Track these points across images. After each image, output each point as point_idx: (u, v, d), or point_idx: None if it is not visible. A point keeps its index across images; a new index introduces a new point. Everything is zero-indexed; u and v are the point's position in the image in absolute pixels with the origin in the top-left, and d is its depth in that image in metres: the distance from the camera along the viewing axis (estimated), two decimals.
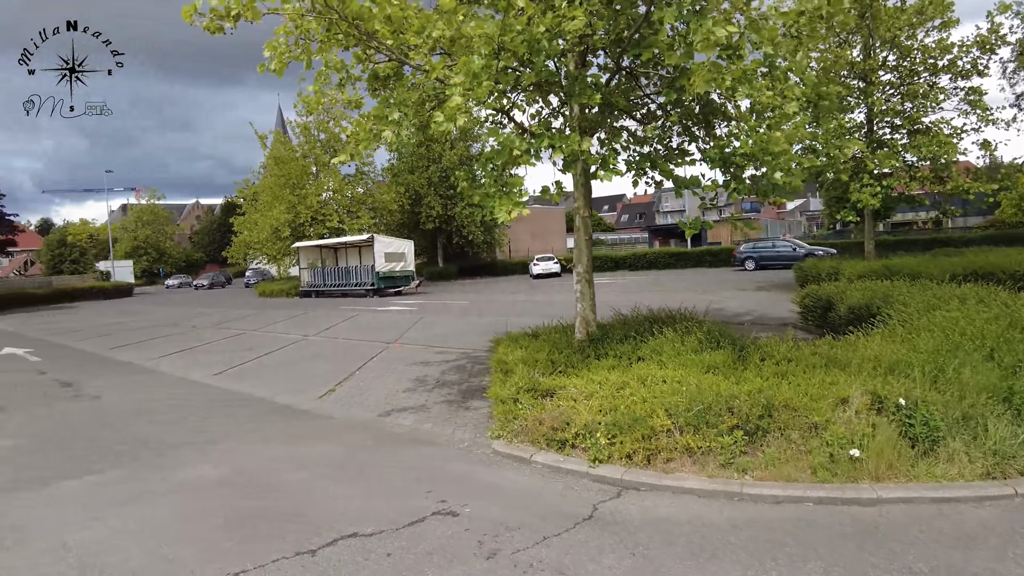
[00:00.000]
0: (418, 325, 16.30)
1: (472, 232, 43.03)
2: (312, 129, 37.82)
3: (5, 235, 42.60)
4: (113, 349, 15.33)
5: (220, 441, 6.43)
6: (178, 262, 78.07)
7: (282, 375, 10.33)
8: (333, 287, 33.18)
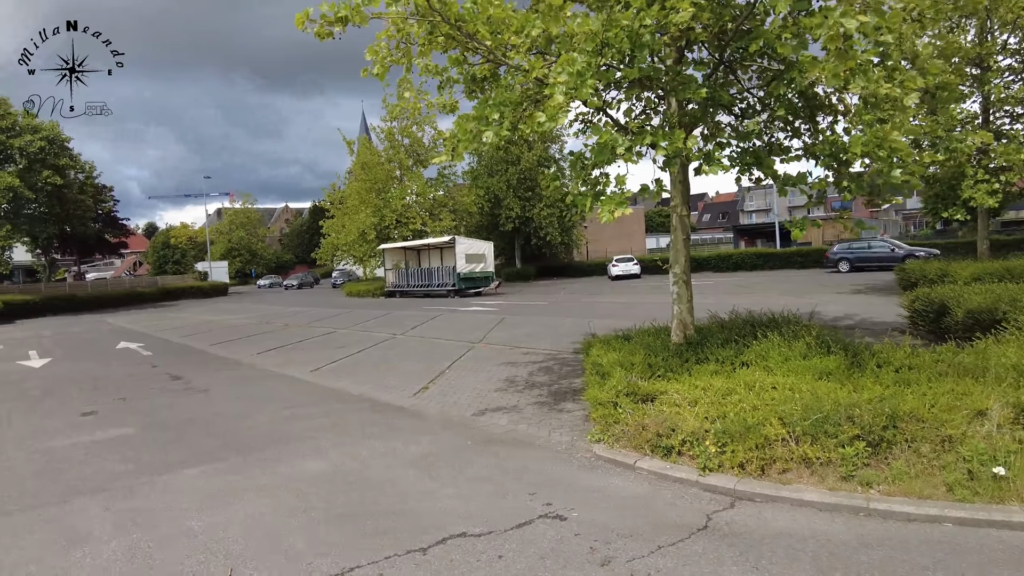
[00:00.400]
0: (501, 325, 16.37)
1: (550, 233, 42.97)
2: (396, 134, 38.79)
3: (119, 238, 45.98)
4: (214, 345, 16.19)
5: (322, 436, 6.62)
6: (269, 263, 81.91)
7: (376, 372, 10.58)
8: (416, 287, 33.91)
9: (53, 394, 10.13)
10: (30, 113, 35.85)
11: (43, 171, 34.92)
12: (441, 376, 9.79)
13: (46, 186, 35.07)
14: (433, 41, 6.17)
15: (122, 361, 13.94)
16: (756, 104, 8.13)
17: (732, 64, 7.41)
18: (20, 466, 6.16)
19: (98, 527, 4.44)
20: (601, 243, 54.07)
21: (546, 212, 42.32)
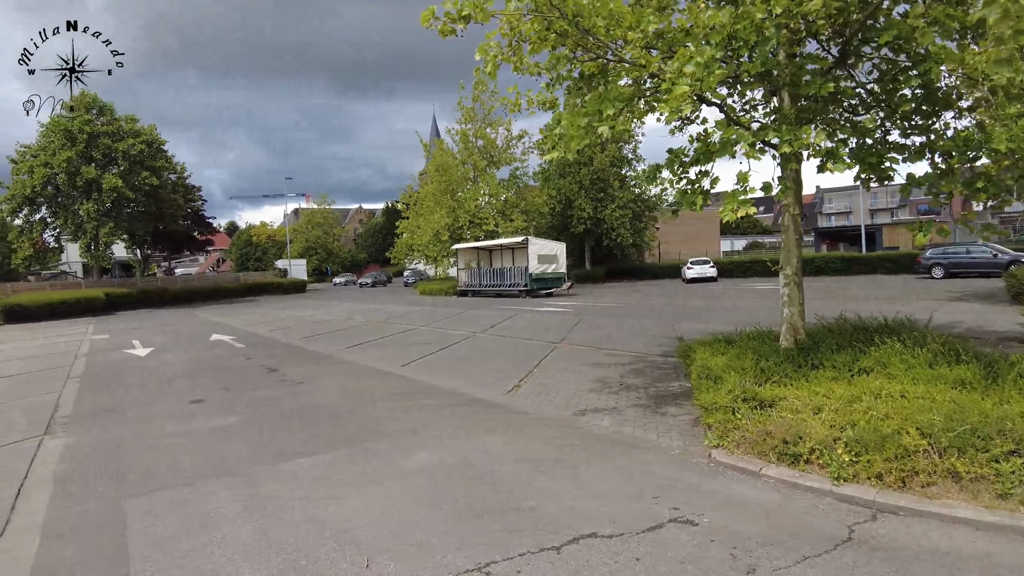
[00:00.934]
0: (579, 327, 16.24)
1: (622, 234, 42.51)
2: (471, 136, 39.21)
3: (205, 236, 48.34)
4: (302, 340, 16.73)
5: (426, 429, 6.70)
6: (344, 262, 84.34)
7: (463, 369, 10.66)
8: (488, 287, 34.16)
9: (162, 383, 10.68)
10: (130, 117, 38.20)
11: (142, 172, 37.08)
12: (530, 375, 9.77)
13: (144, 186, 37.22)
14: (546, 38, 6.14)
15: (218, 353, 14.58)
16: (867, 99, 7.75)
17: (848, 57, 7.08)
18: (146, 450, 6.50)
19: (228, 510, 4.61)
20: (672, 245, 53.09)
21: (618, 213, 41.90)
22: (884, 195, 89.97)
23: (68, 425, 7.75)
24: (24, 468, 5.98)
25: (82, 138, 35.31)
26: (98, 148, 35.80)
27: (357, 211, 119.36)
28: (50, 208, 37.25)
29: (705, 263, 38.47)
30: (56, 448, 6.67)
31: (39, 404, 9.15)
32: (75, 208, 35.98)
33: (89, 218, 35.83)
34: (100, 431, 7.37)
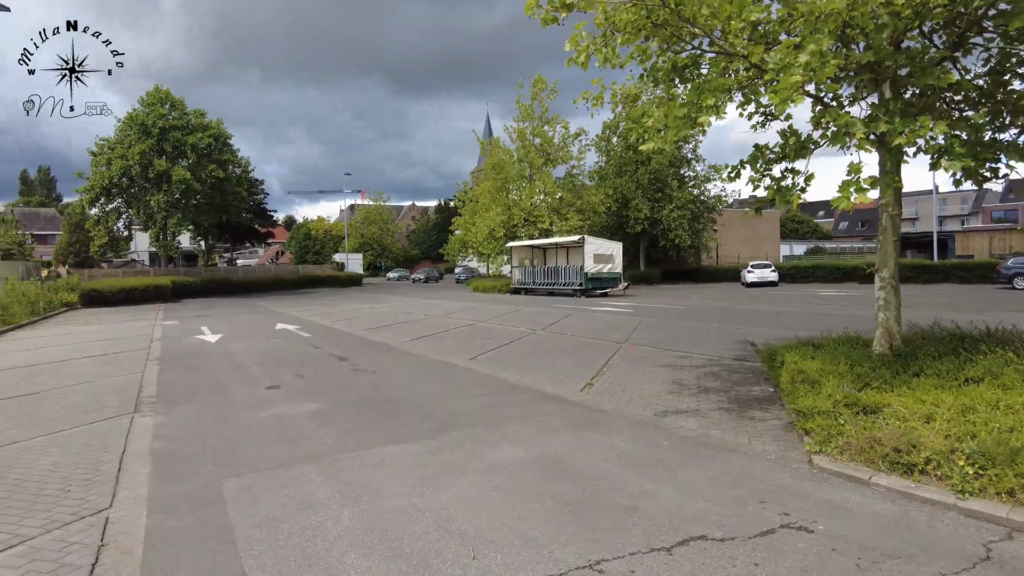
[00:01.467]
0: (641, 328, 15.97)
1: (679, 236, 41.76)
2: (528, 134, 39.17)
3: (267, 228, 49.70)
4: (365, 331, 16.96)
5: (506, 423, 6.64)
6: (397, 257, 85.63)
7: (530, 365, 10.58)
8: (541, 285, 34.04)
9: (237, 368, 10.95)
10: (199, 111, 39.55)
11: (209, 165, 38.38)
12: (601, 374, 9.61)
13: (210, 179, 38.52)
14: (642, 28, 6.00)
15: (285, 341, 14.90)
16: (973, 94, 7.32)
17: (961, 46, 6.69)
18: (233, 433, 6.64)
19: (324, 494, 4.64)
20: (731, 248, 51.93)
21: (676, 214, 41.21)
22: (954, 201, 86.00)
23: (154, 405, 8.00)
24: (121, 443, 6.18)
25: (155, 132, 36.75)
26: (169, 141, 37.20)
27: (410, 208, 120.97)
28: (124, 198, 38.91)
29: (766, 267, 37.47)
30: (147, 426, 6.87)
31: (125, 384, 9.49)
32: (147, 199, 37.49)
33: (159, 208, 37.28)
34: (186, 412, 7.57)
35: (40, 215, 78.34)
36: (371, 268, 78.89)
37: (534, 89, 38.97)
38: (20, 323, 19.72)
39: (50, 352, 13.26)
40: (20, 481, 5.03)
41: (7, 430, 6.73)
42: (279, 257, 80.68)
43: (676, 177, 43.13)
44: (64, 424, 6.96)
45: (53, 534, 4.01)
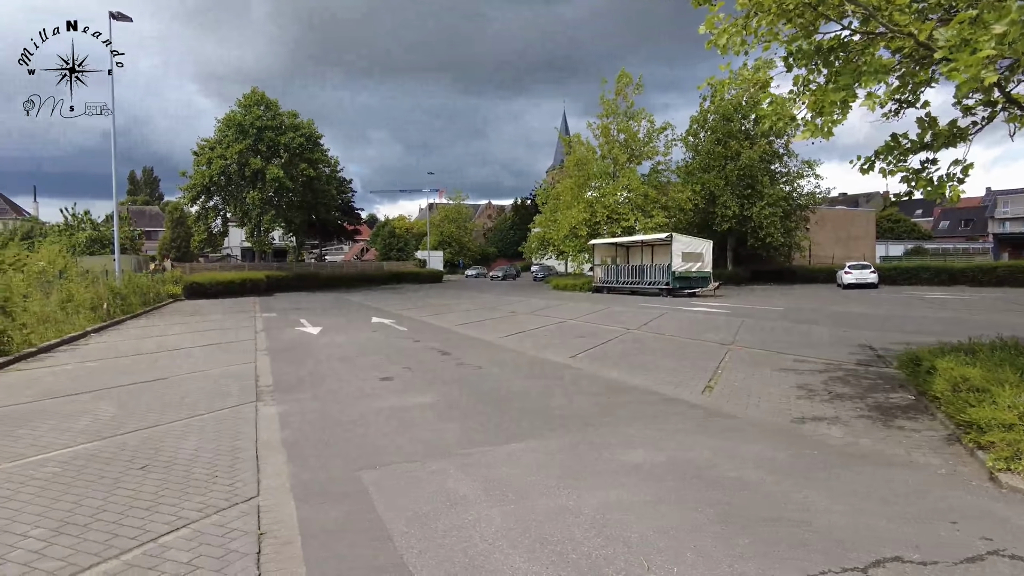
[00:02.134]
0: (744, 329, 15.28)
1: (770, 234, 40.06)
2: (612, 130, 38.56)
3: (354, 226, 51.14)
4: (457, 326, 17.02)
5: (632, 425, 6.37)
6: (475, 255, 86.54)
7: (636, 365, 10.25)
8: (624, 284, 33.42)
9: (344, 360, 11.14)
10: (291, 112, 41.06)
11: (301, 164, 39.80)
12: (717, 377, 9.18)
13: (301, 177, 39.93)
14: (788, 8, 5.58)
15: (384, 335, 15.12)
16: None
17: None
18: (357, 424, 6.66)
19: (467, 491, 4.51)
20: (824, 248, 49.48)
21: (767, 211, 39.56)
22: None
23: (274, 394, 8.18)
24: (251, 431, 6.30)
25: (252, 132, 38.43)
26: (264, 141, 38.82)
27: (486, 207, 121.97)
28: (222, 196, 40.91)
29: (865, 268, 35.43)
30: (272, 415, 7.00)
31: (241, 372, 9.80)
32: (243, 196, 39.24)
33: (254, 206, 38.96)
34: (307, 402, 7.69)
35: (145, 212, 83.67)
36: (448, 265, 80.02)
37: (618, 84, 38.37)
38: (136, 312, 20.96)
39: (168, 340, 13.96)
40: (170, 464, 5.17)
41: (148, 413, 7.01)
42: (364, 254, 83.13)
43: (767, 173, 41.43)
44: (195, 410, 7.19)
45: (212, 519, 4.05)
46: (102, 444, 5.80)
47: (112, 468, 5.08)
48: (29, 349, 11.47)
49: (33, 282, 14.72)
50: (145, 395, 8.02)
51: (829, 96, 5.34)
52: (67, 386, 8.65)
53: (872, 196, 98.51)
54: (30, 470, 5.06)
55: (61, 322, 14.56)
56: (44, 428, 6.40)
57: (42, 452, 5.58)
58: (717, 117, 41.99)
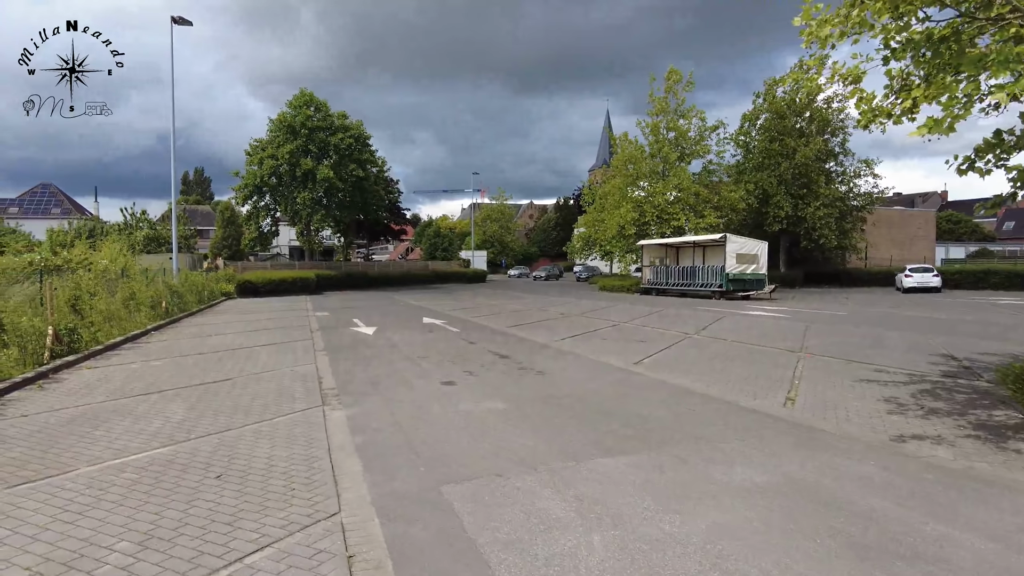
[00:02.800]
0: (811, 335, 14.65)
1: (825, 235, 38.73)
2: (662, 128, 37.81)
3: (400, 226, 51.47)
4: (509, 327, 16.78)
5: (722, 439, 6.00)
6: (517, 255, 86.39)
7: (705, 372, 9.83)
8: (673, 286, 32.71)
9: (404, 360, 11.00)
10: (341, 113, 41.47)
11: (350, 164, 40.17)
12: (795, 386, 8.71)
13: (351, 177, 40.30)
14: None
15: (438, 335, 14.98)
16: None
17: None
18: (429, 431, 6.45)
19: (560, 513, 4.23)
20: (880, 250, 47.68)
21: (822, 212, 38.26)
22: None
23: (340, 397, 8.05)
24: (323, 437, 6.15)
25: (302, 133, 38.95)
26: (314, 142, 39.30)
27: (528, 206, 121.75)
28: (273, 196, 41.58)
29: (927, 271, 33.98)
30: (341, 420, 6.85)
31: (303, 373, 9.74)
32: (293, 196, 39.80)
33: (304, 206, 39.48)
34: (374, 406, 7.54)
35: (198, 212, 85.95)
36: (491, 265, 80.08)
37: (668, 81, 37.57)
38: (192, 310, 21.36)
39: (227, 339, 14.07)
40: (245, 473, 5.04)
41: (217, 416, 6.95)
42: (408, 253, 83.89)
43: (823, 172, 40.08)
44: (263, 414, 7.10)
45: (296, 537, 3.86)
46: (176, 449, 5.73)
47: (189, 476, 4.97)
48: (96, 347, 11.67)
49: (99, 280, 15.04)
50: (212, 397, 7.99)
51: (952, 89, 4.88)
52: (136, 386, 8.70)
53: (928, 196, 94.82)
54: (110, 475, 4.99)
55: (124, 320, 14.85)
56: (119, 430, 6.37)
57: (119, 455, 5.52)
58: (770, 115, 40.83)
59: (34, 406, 7.52)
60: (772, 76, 42.37)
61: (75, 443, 5.92)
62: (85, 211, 67.72)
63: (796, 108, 40.24)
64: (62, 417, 6.95)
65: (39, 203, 66.67)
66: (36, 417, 6.97)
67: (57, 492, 4.64)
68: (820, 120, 40.25)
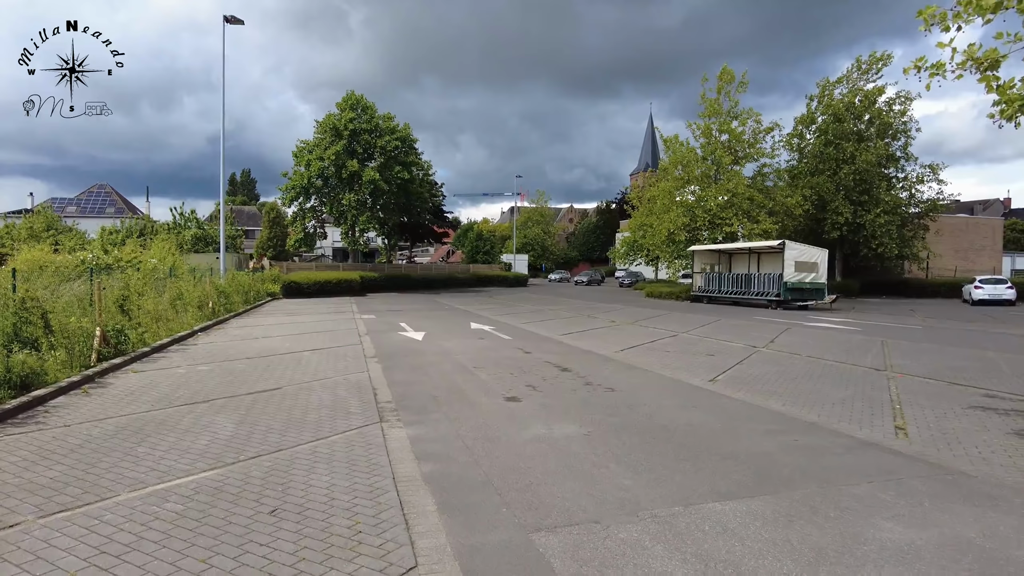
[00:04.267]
0: (892, 351, 13.54)
1: (885, 244, 36.93)
2: (714, 131, 36.57)
3: (443, 228, 51.16)
4: (563, 335, 16.01)
5: (845, 481, 5.11)
6: (557, 259, 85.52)
7: (792, 392, 8.89)
8: (726, 294, 31.48)
9: (462, 372, 10.33)
10: (387, 115, 41.30)
11: (395, 167, 39.95)
12: (899, 413, 7.74)
13: (396, 180, 40.08)
14: None
15: (490, 343, 14.30)
16: None
17: None
18: (505, 460, 5.73)
19: (677, 571, 3.47)
20: (943, 259, 45.32)
21: (883, 219, 36.49)
22: None
23: (398, 412, 7.41)
24: (385, 462, 5.48)
25: (347, 134, 38.87)
26: (360, 144, 39.19)
27: (568, 210, 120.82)
28: (319, 197, 41.64)
29: (999, 283, 32.04)
30: (403, 441, 6.19)
31: (356, 383, 9.14)
32: (339, 198, 39.76)
33: (350, 207, 39.39)
34: (437, 425, 6.86)
35: (244, 212, 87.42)
36: (530, 269, 79.44)
37: (720, 82, 36.33)
38: (238, 311, 21.16)
39: (273, 343, 13.64)
40: (303, 509, 4.39)
41: (268, 433, 6.36)
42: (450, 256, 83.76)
43: (884, 178, 38.26)
44: (318, 431, 6.49)
45: None
46: (224, 473, 5.13)
47: (239, 510, 4.35)
48: (143, 349, 11.32)
49: (148, 280, 14.80)
50: (262, 409, 7.44)
51: None
52: (182, 393, 8.22)
53: (989, 203, 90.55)
54: (152, 506, 4.40)
55: (171, 320, 14.57)
56: (164, 447, 5.83)
57: (163, 479, 4.95)
58: (828, 117, 39.21)
59: (78, 414, 7.07)
60: (826, 77, 40.60)
61: (117, 462, 5.38)
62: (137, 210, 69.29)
63: (856, 110, 38.52)
64: (106, 429, 6.45)
65: (95, 203, 68.47)
66: (79, 428, 6.49)
67: (95, 526, 4.06)
68: (882, 123, 38.46)
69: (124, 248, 21.96)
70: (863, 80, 39.04)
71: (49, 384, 8.09)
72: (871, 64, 38.51)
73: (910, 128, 38.51)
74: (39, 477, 4.98)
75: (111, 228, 36.37)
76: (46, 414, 7.08)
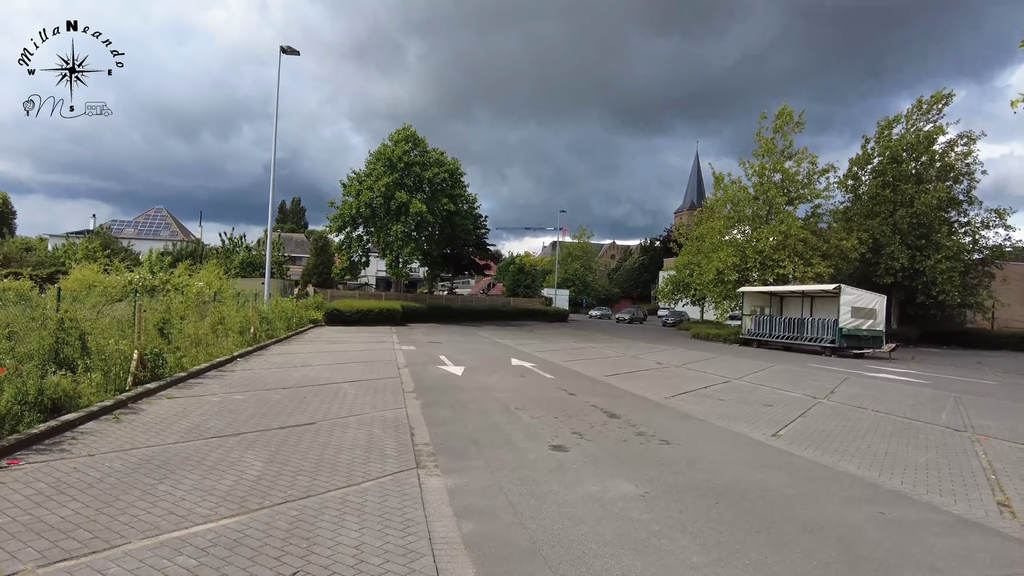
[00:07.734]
0: (968, 408, 12.48)
1: (947, 291, 35.15)
2: (767, 170, 35.68)
3: (485, 260, 51.08)
4: (608, 376, 15.32)
5: (941, 567, 4.38)
6: (598, 295, 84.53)
7: (867, 454, 8.05)
8: (777, 338, 30.22)
9: (504, 412, 9.77)
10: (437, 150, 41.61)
11: (442, 199, 40.10)
12: (999, 486, 6.86)
13: (442, 212, 40.19)
14: None
15: (531, 381, 13.71)
16: None
17: None
18: (559, 526, 5.13)
19: None
20: (1010, 310, 42.94)
21: (945, 265, 34.82)
22: None
23: (436, 458, 6.88)
24: (421, 517, 4.95)
25: (399, 167, 39.24)
26: (410, 176, 39.51)
27: (610, 247, 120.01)
28: (366, 227, 41.99)
29: None
30: (440, 493, 5.64)
31: (393, 420, 8.67)
32: (386, 228, 40.01)
33: (396, 238, 39.57)
34: (477, 475, 6.30)
35: (292, 239, 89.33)
36: (572, 304, 78.67)
37: (777, 121, 35.54)
38: (280, 337, 21.07)
39: (313, 372, 13.32)
40: (328, 573, 3.88)
41: (298, 475, 5.90)
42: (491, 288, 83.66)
43: (945, 223, 36.63)
44: (350, 475, 6.01)
45: None
46: (246, 521, 4.66)
47: (258, 570, 3.86)
48: (180, 373, 11.10)
49: (192, 303, 14.74)
50: (294, 446, 7.00)
51: None
52: (213, 425, 7.86)
53: None
54: (163, 559, 3.95)
55: (211, 344, 14.44)
56: (186, 485, 5.41)
57: (180, 525, 4.51)
58: (884, 158, 37.97)
59: (104, 443, 6.75)
60: (887, 117, 39.44)
61: (135, 501, 4.98)
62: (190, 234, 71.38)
63: (915, 151, 37.22)
64: (129, 461, 6.09)
65: (151, 226, 70.81)
66: (102, 458, 6.15)
67: None
68: (944, 164, 37.02)
69: (175, 271, 22.26)
70: (923, 120, 37.81)
71: (81, 408, 7.83)
72: (932, 104, 37.29)
73: (974, 170, 36.95)
74: (50, 516, 4.59)
75: (160, 251, 37.22)
76: (72, 440, 6.79)
